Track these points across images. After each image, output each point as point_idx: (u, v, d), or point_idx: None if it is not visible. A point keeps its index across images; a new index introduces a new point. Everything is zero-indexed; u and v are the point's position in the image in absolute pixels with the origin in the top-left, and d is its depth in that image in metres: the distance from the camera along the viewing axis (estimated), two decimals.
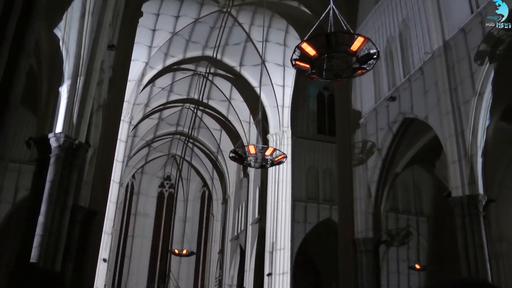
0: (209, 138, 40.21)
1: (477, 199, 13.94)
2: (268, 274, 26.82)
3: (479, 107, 14.29)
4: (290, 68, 22.45)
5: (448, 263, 23.19)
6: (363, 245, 19.27)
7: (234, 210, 39.32)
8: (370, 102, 20.65)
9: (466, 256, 13.61)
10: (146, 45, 27.23)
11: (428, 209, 29.04)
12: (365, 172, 20.20)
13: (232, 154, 17.16)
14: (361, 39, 9.78)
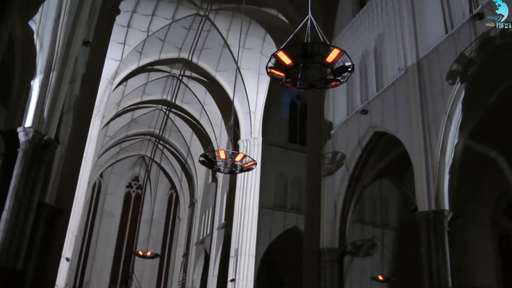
0: (180, 140, 40.08)
1: (442, 214, 14.18)
2: (232, 280, 26.76)
3: (448, 125, 14.59)
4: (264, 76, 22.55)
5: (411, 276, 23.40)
6: (328, 255, 19.37)
7: (201, 214, 39.20)
8: (342, 113, 20.82)
9: (429, 269, 13.82)
10: (121, 44, 26.99)
11: (394, 222, 29.30)
12: (333, 183, 20.34)
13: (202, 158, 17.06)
14: (337, 51, 9.83)
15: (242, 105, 29.76)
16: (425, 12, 16.65)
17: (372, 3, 20.41)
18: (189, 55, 29.90)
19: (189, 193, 43.85)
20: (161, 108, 36.78)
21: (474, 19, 14.00)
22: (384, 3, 19.18)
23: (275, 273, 31.97)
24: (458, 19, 15.11)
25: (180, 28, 28.21)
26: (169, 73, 32.61)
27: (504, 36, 13.18)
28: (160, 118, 37.54)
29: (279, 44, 25.00)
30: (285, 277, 31.92)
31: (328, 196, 20.33)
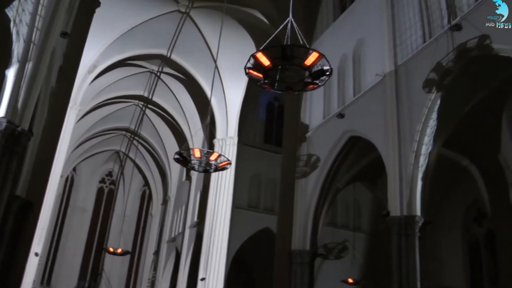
0: (155, 137, 39.87)
1: (414, 220, 14.38)
2: (202, 278, 26.70)
3: (423, 133, 14.80)
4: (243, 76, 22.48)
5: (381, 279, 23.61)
6: (299, 256, 19.44)
7: (174, 212, 39.01)
8: (318, 117, 20.91)
9: (399, 273, 14.00)
10: (101, 36, 26.67)
11: (366, 226, 29.50)
12: (307, 185, 20.42)
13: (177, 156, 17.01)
14: (316, 55, 9.87)
15: (219, 104, 29.73)
16: (404, 20, 16.82)
17: (353, 9, 20.56)
18: (168, 52, 29.76)
19: (162, 190, 43.63)
20: (137, 104, 36.56)
21: (452, 30, 14.24)
22: (365, 9, 19.33)
23: (246, 273, 31.99)
24: (436, 29, 15.36)
25: (160, 24, 28.05)
26: (148, 69, 32.43)
27: (480, 48, 13.43)
28: (136, 113, 37.30)
29: (258, 44, 25.06)
30: (255, 277, 31.97)
31: (302, 198, 20.40)
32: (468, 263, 22.26)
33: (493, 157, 19.13)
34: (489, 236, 21.54)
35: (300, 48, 10.20)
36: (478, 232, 22.29)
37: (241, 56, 27.53)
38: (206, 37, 28.40)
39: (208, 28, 28.00)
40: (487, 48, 13.20)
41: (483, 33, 13.23)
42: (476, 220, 22.39)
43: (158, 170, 43.40)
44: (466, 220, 22.73)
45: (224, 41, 26.30)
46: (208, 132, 27.91)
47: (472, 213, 22.53)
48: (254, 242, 28.08)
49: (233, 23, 27.15)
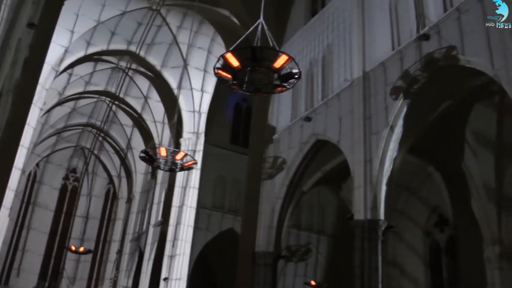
0: (121, 134, 39.42)
1: (377, 224, 14.55)
2: (165, 278, 26.54)
3: (389, 139, 14.98)
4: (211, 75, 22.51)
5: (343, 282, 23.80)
6: (262, 258, 19.46)
7: (138, 211, 38.63)
8: (286, 119, 20.98)
9: (360, 276, 14.13)
10: (68, 30, 26.19)
11: (330, 229, 29.67)
12: (272, 187, 20.46)
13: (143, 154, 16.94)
14: (285, 57, 9.90)
15: (186, 103, 29.58)
16: (374, 27, 17.02)
17: (323, 13, 20.70)
18: (137, 49, 29.49)
19: (127, 188, 43.10)
20: (104, 100, 36.10)
21: (421, 39, 14.47)
22: (336, 14, 19.47)
23: (208, 274, 31.88)
24: (405, 37, 15.58)
25: (130, 20, 27.80)
26: (116, 64, 32.07)
27: (447, 59, 13.69)
28: (103, 110, 36.81)
29: (228, 45, 24.99)
30: (218, 278, 31.87)
31: (267, 200, 20.44)
32: (429, 267, 22.61)
33: (457, 165, 19.49)
34: (450, 241, 21.90)
35: (270, 50, 10.25)
36: (439, 237, 22.65)
37: (211, 56, 27.62)
38: (176, 35, 28.28)
39: (178, 26, 27.89)
40: (454, 58, 13.45)
41: (451, 44, 13.48)
42: (438, 226, 22.74)
43: (124, 168, 42.89)
44: (428, 225, 23.08)
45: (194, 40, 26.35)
46: (175, 131, 27.77)
47: (434, 218, 22.88)
48: (218, 243, 28.02)
49: (203, 23, 27.12)
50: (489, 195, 18.88)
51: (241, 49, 10.26)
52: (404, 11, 16.15)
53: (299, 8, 23.05)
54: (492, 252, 18.48)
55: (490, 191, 18.88)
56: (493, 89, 15.13)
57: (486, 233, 18.81)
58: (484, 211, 18.92)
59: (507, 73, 11.67)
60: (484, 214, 18.92)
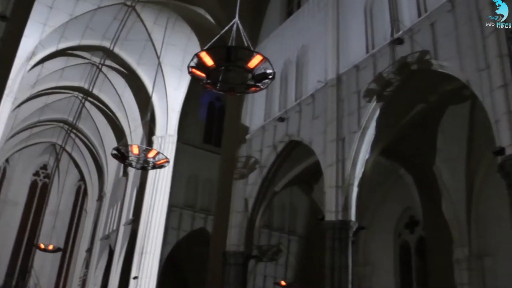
0: (93, 131, 39.11)
1: (348, 225, 14.62)
2: (134, 277, 26.36)
3: (362, 141, 15.08)
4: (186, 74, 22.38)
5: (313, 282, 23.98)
6: (233, 258, 19.43)
7: (109, 209, 38.35)
8: (259, 119, 20.97)
9: (331, 276, 14.16)
10: (41, 23, 25.83)
11: (301, 229, 29.82)
12: (244, 186, 20.44)
13: (115, 151, 16.85)
14: (260, 58, 9.91)
15: (160, 101, 29.41)
16: (349, 30, 17.11)
17: (299, 14, 20.75)
18: (111, 45, 29.23)
19: (98, 186, 42.80)
20: (77, 96, 35.73)
21: (395, 43, 14.59)
22: (311, 16, 19.53)
23: (179, 273, 31.78)
24: (379, 41, 15.70)
25: (105, 15, 27.50)
26: (89, 60, 31.75)
27: (420, 63, 13.83)
28: (75, 106, 36.45)
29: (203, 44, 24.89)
30: (189, 277, 31.80)
31: (238, 200, 20.41)
32: (398, 267, 22.84)
33: (428, 168, 19.73)
34: (420, 242, 22.16)
35: (245, 50, 10.25)
36: (409, 238, 22.90)
37: (185, 54, 27.48)
38: (151, 32, 28.08)
39: (153, 23, 27.71)
40: (427, 63, 13.60)
41: (424, 49, 13.63)
42: (408, 227, 22.99)
43: (95, 165, 42.57)
44: (399, 226, 23.33)
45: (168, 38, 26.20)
46: (148, 129, 27.63)
47: (405, 219, 23.12)
48: (189, 242, 27.96)
49: (178, 20, 27.00)
50: (459, 197, 19.16)
51: (216, 48, 10.26)
52: (378, 14, 16.28)
53: (274, 8, 23.07)
54: (461, 254, 18.75)
55: (460, 194, 19.16)
56: (465, 93, 15.32)
57: (455, 235, 19.09)
58: (454, 213, 19.20)
59: (478, 79, 11.83)
60: (454, 216, 19.20)
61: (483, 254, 18.41)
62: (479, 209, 18.93)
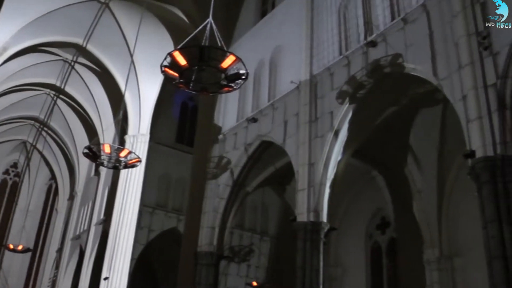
0: (65, 129, 38.64)
1: (320, 226, 14.67)
2: (105, 278, 26.09)
3: (334, 142, 15.16)
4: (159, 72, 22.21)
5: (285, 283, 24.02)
6: (204, 258, 19.35)
7: (80, 208, 37.95)
8: (232, 119, 20.93)
9: (302, 277, 14.19)
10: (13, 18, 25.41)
11: (273, 230, 29.84)
12: (216, 187, 20.39)
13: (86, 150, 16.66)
14: (233, 58, 9.90)
15: (133, 99, 29.17)
16: (323, 31, 17.18)
17: (273, 15, 20.79)
18: (84, 42, 28.93)
19: (69, 185, 42.30)
20: (48, 93, 35.27)
21: (368, 45, 14.70)
22: (285, 17, 19.56)
23: (150, 273, 31.57)
24: (353, 43, 15.84)
25: (78, 11, 27.14)
26: (61, 57, 31.38)
27: (392, 66, 13.96)
28: (47, 103, 35.98)
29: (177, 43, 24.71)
30: (160, 277, 31.61)
31: (211, 200, 20.35)
32: (369, 268, 23.00)
33: (400, 170, 19.92)
34: (391, 243, 22.35)
35: (218, 50, 10.22)
36: (380, 239, 23.08)
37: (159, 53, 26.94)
38: (124, 30, 27.85)
39: (127, 21, 27.47)
40: (400, 66, 13.73)
41: (397, 52, 13.74)
42: (380, 228, 23.16)
43: (66, 164, 42.08)
44: (370, 227, 23.50)
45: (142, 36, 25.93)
46: (120, 127, 27.39)
47: (376, 221, 23.30)
48: (160, 242, 27.80)
49: (152, 19, 26.80)
50: (430, 199, 19.38)
51: (189, 48, 10.21)
52: (352, 17, 16.39)
53: (249, 8, 23.04)
54: (431, 255, 19.01)
55: (432, 195, 19.40)
56: (437, 97, 15.49)
57: (426, 236, 19.34)
58: (425, 215, 19.44)
59: (450, 82, 11.97)
60: (425, 218, 19.45)
61: (453, 255, 18.69)
62: (450, 211, 19.19)
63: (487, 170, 10.26)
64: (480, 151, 10.54)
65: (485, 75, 11.03)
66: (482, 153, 10.49)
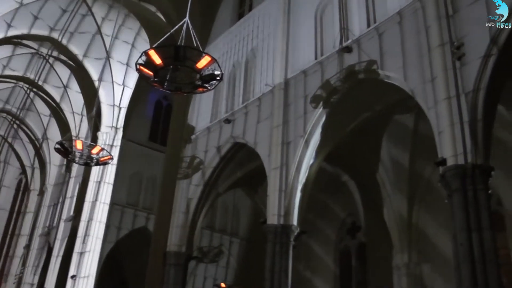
0: (38, 123, 38.10)
1: (290, 229, 14.77)
2: (72, 276, 25.80)
3: (306, 146, 15.28)
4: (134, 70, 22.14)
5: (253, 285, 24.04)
6: (174, 258, 19.29)
7: (50, 204, 37.43)
8: (205, 120, 20.89)
9: (271, 279, 14.25)
10: None
11: (243, 231, 29.83)
12: (188, 187, 20.34)
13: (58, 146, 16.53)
14: (208, 59, 9.92)
15: (107, 96, 28.95)
16: (299, 35, 17.29)
17: (250, 17, 20.81)
18: (59, 36, 28.63)
19: (40, 180, 41.72)
20: (22, 86, 34.77)
21: (343, 51, 14.81)
22: (262, 19, 19.61)
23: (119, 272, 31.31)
24: (328, 48, 15.95)
25: (55, 6, 26.92)
26: (37, 50, 31.00)
27: (367, 72, 14.09)
28: (20, 96, 35.43)
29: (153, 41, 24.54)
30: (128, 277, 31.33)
31: (181, 200, 20.29)
32: (339, 272, 23.10)
33: (371, 175, 20.07)
34: (361, 248, 22.49)
35: (193, 51, 10.23)
36: (350, 243, 23.19)
37: (134, 51, 27.18)
38: (101, 26, 27.69)
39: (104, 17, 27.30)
40: (374, 73, 13.87)
41: (371, 59, 13.85)
42: (350, 232, 23.28)
43: (38, 159, 41.49)
44: (341, 231, 23.60)
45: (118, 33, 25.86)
46: (93, 124, 27.12)
47: (347, 225, 23.42)
48: (130, 241, 27.60)
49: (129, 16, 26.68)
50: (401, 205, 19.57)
51: (165, 47, 10.20)
52: (329, 22, 16.50)
53: (226, 10, 23.04)
54: (400, 260, 19.20)
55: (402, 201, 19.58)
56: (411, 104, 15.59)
57: (396, 241, 19.52)
58: (395, 220, 19.62)
59: (423, 91, 12.12)
60: (395, 223, 19.62)
61: (422, 261, 18.91)
62: (420, 217, 19.43)
63: (457, 178, 10.42)
64: (451, 159, 10.71)
65: (457, 85, 11.20)
66: (453, 162, 10.66)
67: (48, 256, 33.00)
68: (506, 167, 14.78)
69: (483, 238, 9.80)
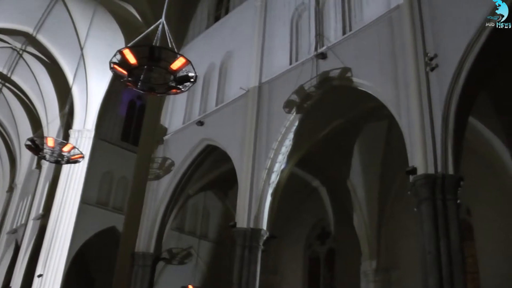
0: (9, 119, 37.60)
1: (259, 233, 14.84)
2: (39, 275, 25.46)
3: (278, 151, 15.35)
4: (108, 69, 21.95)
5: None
6: (142, 259, 19.21)
7: (19, 201, 36.93)
8: (178, 121, 20.86)
9: (239, 283, 14.29)
10: None
11: (213, 234, 29.74)
12: (158, 188, 20.29)
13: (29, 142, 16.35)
14: (183, 60, 9.91)
15: (80, 94, 28.61)
16: (274, 40, 17.37)
17: (226, 20, 20.88)
18: (34, 31, 28.29)
19: (9, 176, 41.19)
20: None
21: (318, 57, 14.91)
22: (238, 22, 19.67)
23: (86, 272, 31.00)
24: (303, 54, 16.05)
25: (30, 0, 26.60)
26: (10, 44, 30.57)
27: (341, 79, 14.20)
28: None
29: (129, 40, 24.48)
30: (96, 277, 31.05)
31: (152, 200, 20.22)
32: (307, 277, 23.23)
33: (342, 181, 20.23)
34: (330, 254, 22.66)
35: (168, 52, 10.22)
36: (319, 249, 23.37)
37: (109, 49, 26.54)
38: (76, 23, 27.34)
39: (79, 14, 27.01)
40: (348, 80, 13.98)
41: (346, 66, 13.96)
42: (319, 238, 23.44)
43: (8, 155, 40.97)
44: (310, 237, 23.75)
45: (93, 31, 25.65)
46: (65, 121, 26.83)
47: (317, 231, 23.56)
48: (98, 241, 27.30)
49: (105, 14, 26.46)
50: (371, 212, 19.75)
51: (140, 47, 10.18)
52: (304, 28, 16.59)
53: (202, 12, 23.04)
54: (369, 266, 19.40)
55: (372, 208, 19.77)
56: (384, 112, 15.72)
57: (364, 248, 19.69)
58: (365, 227, 19.80)
59: (396, 100, 12.26)
60: (364, 230, 19.79)
61: (390, 267, 19.11)
62: (390, 224, 19.63)
63: (427, 187, 10.56)
64: (421, 168, 10.85)
65: (430, 95, 11.36)
66: (423, 171, 10.80)
67: (15, 254, 32.54)
68: (476, 177, 15.02)
69: (451, 246, 9.94)
